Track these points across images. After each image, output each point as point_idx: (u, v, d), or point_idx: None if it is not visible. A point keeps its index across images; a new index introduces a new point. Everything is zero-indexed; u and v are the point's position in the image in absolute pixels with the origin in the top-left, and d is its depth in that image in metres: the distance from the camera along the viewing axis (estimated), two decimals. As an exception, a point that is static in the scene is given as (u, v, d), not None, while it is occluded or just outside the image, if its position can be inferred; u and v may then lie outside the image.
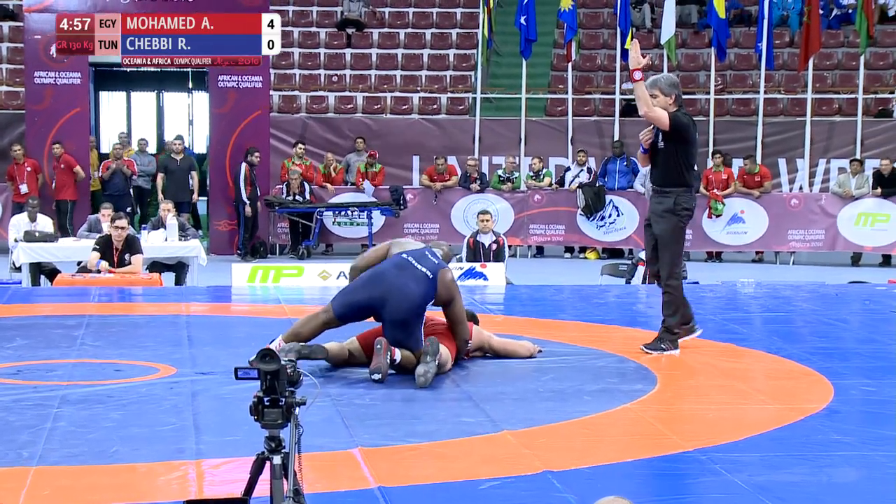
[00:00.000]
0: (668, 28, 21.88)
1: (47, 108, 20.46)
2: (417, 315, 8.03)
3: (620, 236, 21.07)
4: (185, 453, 6.05)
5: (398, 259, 8.11)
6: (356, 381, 7.84)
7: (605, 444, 6.47)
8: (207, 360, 8.51)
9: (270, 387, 4.35)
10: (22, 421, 6.64)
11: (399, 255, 8.14)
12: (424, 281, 8.00)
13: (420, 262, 8.09)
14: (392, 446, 6.26)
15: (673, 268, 8.93)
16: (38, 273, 15.15)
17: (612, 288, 13.77)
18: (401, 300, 7.94)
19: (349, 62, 25.23)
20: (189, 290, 13.84)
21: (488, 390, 7.64)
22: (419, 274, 8.02)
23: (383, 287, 7.97)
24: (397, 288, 7.94)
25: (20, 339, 9.32)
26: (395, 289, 7.94)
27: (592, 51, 25.45)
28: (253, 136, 20.78)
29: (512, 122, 23.10)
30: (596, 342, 9.40)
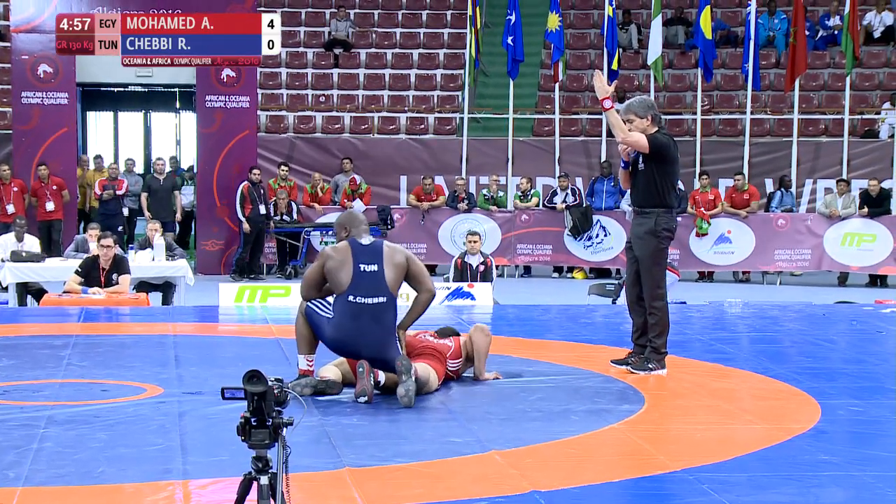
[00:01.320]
0: (655, 49, 21.97)
1: (34, 128, 20.45)
2: (392, 343, 8.02)
3: (608, 256, 21.09)
4: (173, 473, 6.03)
5: (353, 308, 7.89)
6: (343, 401, 7.83)
7: (593, 465, 6.47)
8: (194, 381, 8.49)
9: (258, 407, 4.35)
10: (8, 441, 6.62)
11: (349, 301, 7.89)
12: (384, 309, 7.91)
13: (370, 291, 7.90)
14: (379, 466, 6.25)
15: (656, 289, 8.90)
16: (24, 293, 15.12)
17: (600, 308, 13.78)
18: (378, 349, 7.91)
19: (336, 82, 25.26)
20: (176, 310, 13.81)
21: (475, 410, 7.63)
22: (378, 309, 7.90)
23: (357, 346, 7.90)
24: (371, 343, 7.89)
25: (6, 359, 9.30)
26: (370, 344, 7.88)
27: (580, 71, 25.51)
28: (240, 156, 20.80)
29: (499, 142, 23.14)
30: (583, 362, 9.40)
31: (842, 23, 22.63)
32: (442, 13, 26.90)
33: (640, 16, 26.29)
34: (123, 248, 16.82)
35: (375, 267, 7.95)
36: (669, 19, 25.41)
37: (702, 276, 21.22)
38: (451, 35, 26.29)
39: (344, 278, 7.91)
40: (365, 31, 26.30)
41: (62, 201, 20.28)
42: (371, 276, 7.91)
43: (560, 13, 22.59)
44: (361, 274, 7.91)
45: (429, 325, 11.01)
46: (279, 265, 20.93)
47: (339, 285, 7.93)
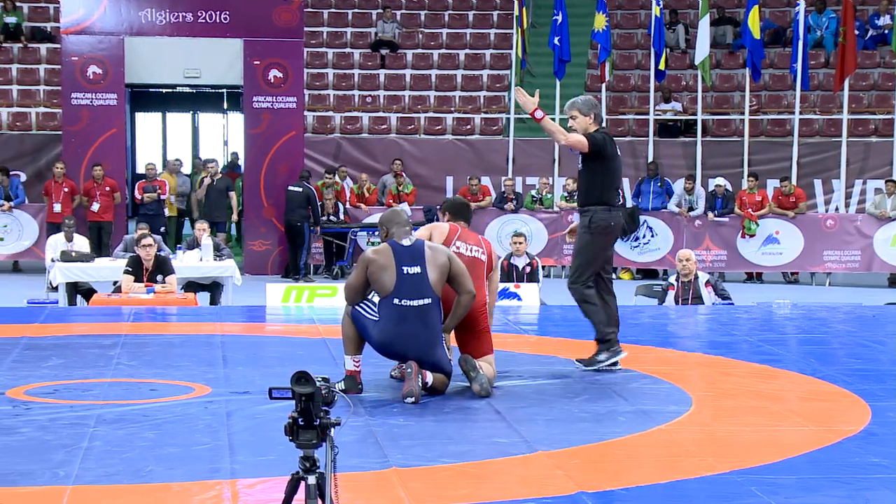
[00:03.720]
0: (703, 48, 21.87)
1: (84, 129, 20.61)
2: (438, 344, 8.03)
3: (654, 257, 21.02)
4: (220, 473, 6.06)
5: (398, 311, 7.88)
6: (390, 400, 7.84)
7: (640, 466, 6.44)
8: (242, 380, 8.53)
9: (305, 408, 4.37)
10: (58, 440, 6.68)
11: (394, 303, 7.89)
12: (429, 310, 7.91)
13: (415, 293, 7.89)
14: (426, 467, 6.25)
15: (579, 276, 9.14)
16: (74, 293, 15.24)
17: (646, 309, 13.72)
18: (425, 351, 7.93)
19: (383, 83, 25.30)
20: (224, 310, 13.88)
21: (522, 411, 7.62)
22: (423, 311, 7.90)
23: (404, 349, 7.92)
24: (417, 345, 7.90)
25: (56, 358, 9.37)
26: (416, 346, 7.90)
27: (626, 71, 25.43)
28: (287, 157, 20.88)
29: (545, 143, 23.07)
30: (629, 363, 9.36)
31: (892, 22, 22.46)
32: (488, 14, 26.88)
33: (688, 15, 26.17)
34: (171, 248, 16.94)
35: (418, 269, 7.94)
36: (717, 19, 25.28)
37: (750, 277, 21.11)
38: (497, 35, 26.27)
39: (387, 282, 7.90)
40: (411, 32, 26.32)
41: (113, 203, 20.44)
42: (414, 278, 7.91)
43: (607, 13, 22.54)
44: (404, 276, 7.90)
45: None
46: (326, 265, 20.99)
47: (383, 289, 7.93)
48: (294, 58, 21.23)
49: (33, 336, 10.56)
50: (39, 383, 8.36)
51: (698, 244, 20.53)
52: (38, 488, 5.76)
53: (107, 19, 20.71)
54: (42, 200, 20.84)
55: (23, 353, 9.58)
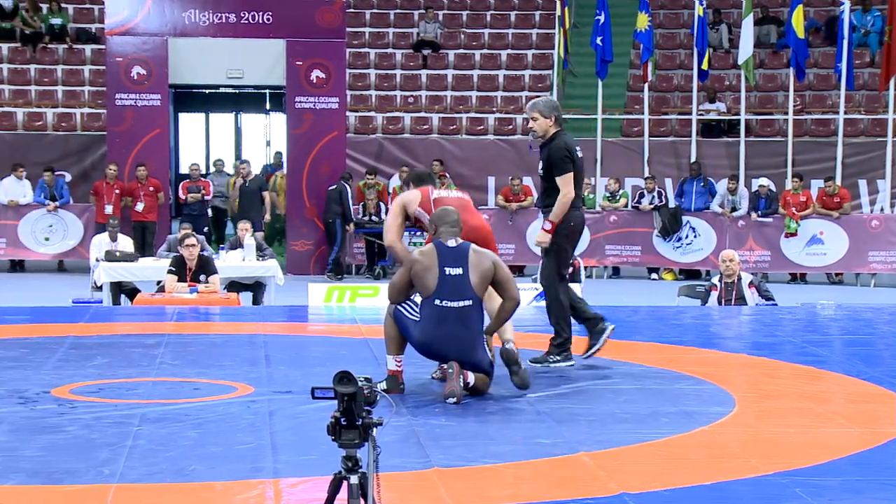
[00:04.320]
0: (746, 48, 21.75)
1: (128, 129, 20.74)
2: (479, 345, 8.02)
3: (697, 257, 20.93)
4: (263, 472, 6.08)
5: (439, 312, 7.89)
6: (431, 400, 7.84)
7: (683, 467, 6.41)
8: (284, 380, 8.56)
9: (348, 408, 4.37)
10: (103, 439, 6.72)
11: (435, 304, 7.89)
12: (470, 312, 7.92)
13: (456, 295, 7.89)
14: (468, 467, 6.25)
15: (547, 279, 9.18)
16: (118, 292, 15.33)
17: (689, 309, 13.67)
18: (465, 352, 7.92)
19: (425, 83, 25.32)
20: (266, 310, 13.93)
21: (563, 411, 7.61)
22: (464, 312, 7.89)
23: (445, 350, 7.93)
24: (458, 347, 7.90)
25: (101, 357, 9.43)
26: (457, 348, 7.90)
27: (669, 71, 25.35)
28: (329, 157, 20.93)
29: (587, 143, 23.00)
30: (672, 364, 9.34)
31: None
32: (530, 14, 26.86)
33: (731, 15, 26.06)
34: (214, 248, 17.01)
35: (460, 270, 7.94)
36: (761, 18, 25.14)
37: (794, 278, 20.98)
38: (539, 36, 26.25)
39: (430, 282, 7.91)
40: (453, 32, 26.34)
41: (156, 203, 20.56)
42: (456, 280, 7.91)
43: (649, 13, 22.47)
44: (446, 277, 7.90)
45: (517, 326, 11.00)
46: (367, 265, 21.02)
47: (425, 289, 7.95)
48: (336, 58, 21.28)
49: (78, 335, 10.63)
50: (84, 382, 8.42)
51: (741, 245, 20.43)
52: (83, 486, 5.80)
53: (150, 20, 20.83)
54: (87, 200, 20.99)
55: (68, 353, 9.64)
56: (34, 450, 6.46)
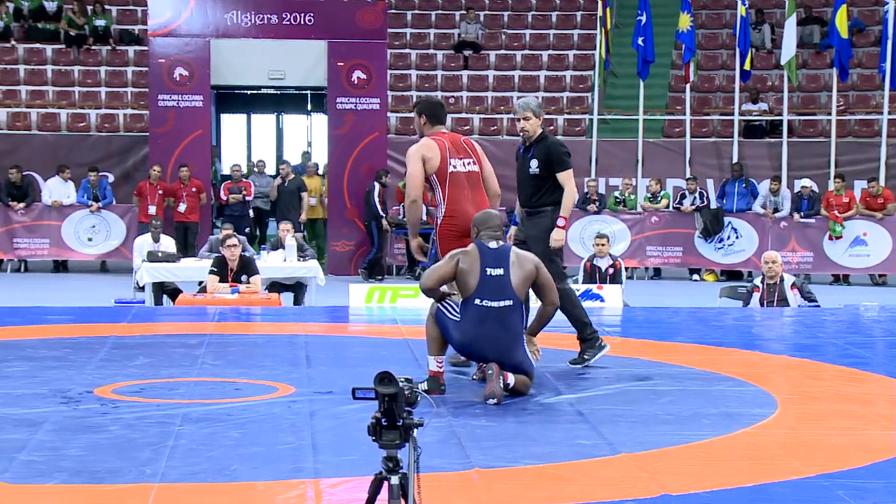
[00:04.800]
0: (789, 48, 21.64)
1: (170, 130, 20.85)
2: (519, 345, 8.02)
3: (739, 258, 20.85)
4: (304, 472, 6.10)
5: (479, 311, 7.91)
6: (472, 401, 7.84)
7: (725, 469, 6.38)
8: (325, 380, 8.58)
9: (388, 408, 4.38)
10: (145, 438, 6.75)
11: (475, 304, 7.91)
12: (510, 313, 7.93)
13: (497, 294, 7.91)
14: (508, 468, 6.25)
15: (556, 282, 8.91)
16: (160, 292, 15.41)
17: (731, 310, 13.61)
18: (505, 353, 7.93)
19: (466, 84, 25.33)
20: (307, 311, 13.97)
21: (604, 412, 7.59)
22: (504, 313, 7.91)
23: (484, 350, 7.94)
24: (498, 347, 7.90)
25: (143, 357, 9.48)
26: (497, 348, 7.90)
27: (711, 72, 25.25)
28: (370, 158, 20.97)
29: (629, 144, 23.00)
30: (714, 365, 9.30)
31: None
32: (572, 14, 26.82)
33: (774, 15, 25.92)
34: (255, 248, 17.08)
35: (501, 271, 7.95)
36: (804, 18, 25.01)
37: (836, 279, 20.85)
38: (580, 36, 26.21)
39: (472, 282, 7.93)
40: (494, 33, 26.33)
41: (198, 203, 20.66)
42: (497, 280, 7.93)
43: (691, 13, 22.39)
44: (487, 278, 7.92)
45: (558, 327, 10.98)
46: (408, 266, 21.05)
47: (466, 288, 7.96)
48: (377, 59, 21.32)
49: (121, 335, 10.69)
50: (126, 382, 8.46)
51: (784, 246, 20.32)
52: (125, 486, 5.84)
53: (193, 22, 20.94)
54: (129, 201, 21.11)
55: (110, 353, 9.70)
56: (77, 449, 6.50)
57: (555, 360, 9.48)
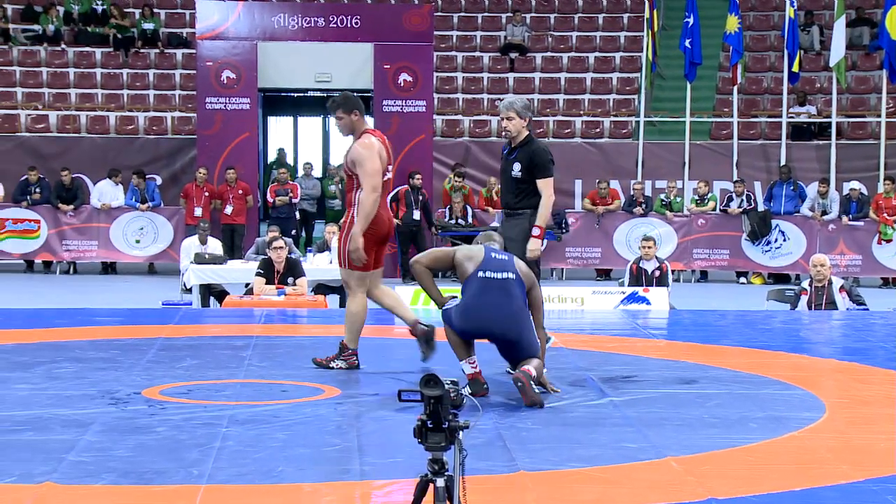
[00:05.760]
0: (838, 50, 21.48)
1: (217, 132, 20.95)
2: (525, 320, 8.06)
3: (787, 261, 20.72)
4: (350, 474, 6.11)
5: (482, 282, 8.02)
6: (517, 404, 7.83)
7: (772, 473, 6.34)
8: (371, 382, 8.59)
9: (434, 411, 4.38)
10: (192, 439, 6.79)
11: (479, 276, 8.04)
12: (513, 285, 8.03)
13: (500, 270, 8.04)
14: (554, 471, 6.24)
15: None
16: (207, 294, 15.49)
17: (778, 313, 13.54)
18: (509, 324, 7.96)
19: (512, 86, 25.31)
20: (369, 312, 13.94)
21: (651, 416, 7.56)
22: (507, 283, 8.01)
23: (488, 321, 7.97)
24: (501, 316, 7.95)
25: (190, 358, 9.53)
26: (500, 318, 7.94)
27: (759, 74, 25.12)
28: (416, 161, 20.99)
29: (675, 146, 22.90)
30: (761, 369, 9.24)
31: None
32: (618, 16, 26.75)
33: (823, 17, 25.76)
34: (301, 250, 17.14)
35: (506, 257, 8.17)
36: (853, 20, 24.83)
37: (886, 283, 20.68)
38: (627, 38, 26.14)
39: (475, 263, 8.09)
40: (541, 35, 26.30)
41: (245, 205, 20.75)
42: (501, 260, 8.12)
43: (739, 15, 22.27)
44: (491, 258, 8.10)
45: (604, 329, 11.00)
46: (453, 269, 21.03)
47: (468, 270, 8.10)
48: (423, 62, 21.35)
49: (168, 337, 10.75)
50: (174, 383, 8.51)
51: (832, 249, 20.18)
52: (172, 487, 5.87)
53: (240, 25, 21.05)
54: (177, 203, 21.24)
55: (158, 354, 9.76)
56: (125, 450, 6.54)
57: (601, 364, 9.46)
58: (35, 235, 20.98)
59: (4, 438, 6.78)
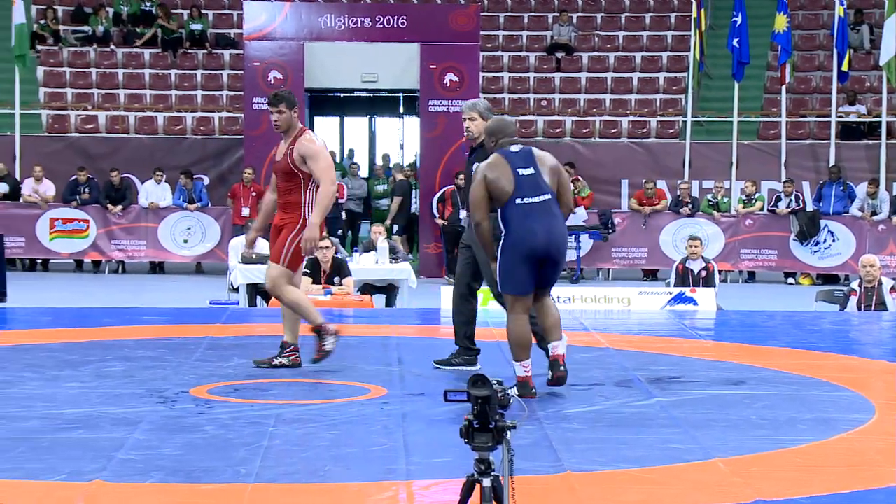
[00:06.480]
0: (888, 49, 21.28)
1: (264, 133, 21.01)
2: (566, 240, 8.23)
3: (836, 262, 20.57)
4: (396, 474, 6.12)
5: (518, 209, 8.00)
6: (563, 405, 7.82)
7: (821, 475, 6.30)
8: (417, 382, 8.61)
9: (481, 411, 4.38)
10: (240, 438, 6.82)
11: (515, 202, 8.00)
12: (553, 204, 8.06)
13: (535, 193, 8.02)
14: (601, 471, 6.22)
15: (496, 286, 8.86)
16: (254, 294, 15.54)
17: (827, 314, 13.45)
18: (554, 235, 8.02)
19: (558, 86, 25.27)
20: (399, 312, 14.01)
21: (698, 417, 7.53)
22: (547, 204, 8.03)
23: (535, 244, 7.98)
24: (547, 233, 7.99)
25: (237, 358, 9.57)
26: (547, 234, 7.98)
27: (808, 73, 24.96)
28: (462, 161, 20.95)
29: (723, 146, 22.79)
30: (809, 370, 9.18)
31: None
32: (665, 16, 26.65)
33: (873, 15, 25.54)
34: (347, 250, 17.17)
35: (531, 169, 8.09)
36: (903, 18, 24.59)
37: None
38: (674, 38, 26.03)
39: (506, 185, 8.02)
40: (587, 35, 26.23)
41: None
42: (530, 178, 8.07)
43: (788, 14, 22.14)
44: (521, 177, 8.06)
45: (650, 330, 10.96)
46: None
47: (503, 193, 8.03)
48: (470, 62, 21.34)
49: (216, 336, 10.81)
50: (221, 382, 8.56)
51: (882, 249, 20.02)
52: (220, 485, 5.90)
53: (288, 25, 21.12)
54: (224, 203, 21.34)
55: (205, 353, 9.81)
56: (173, 448, 6.58)
57: (647, 364, 9.43)
58: (84, 235, 21.14)
59: (55, 436, 6.84)
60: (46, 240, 21.10)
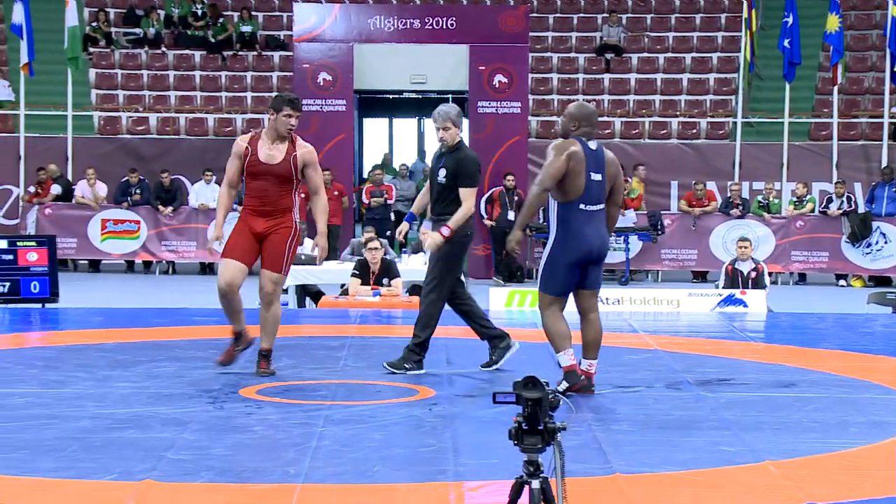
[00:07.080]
0: (941, 49, 21.09)
1: (313, 134, 21.06)
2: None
3: (888, 264, 20.39)
4: (445, 475, 6.12)
5: (580, 214, 8.19)
6: (612, 406, 7.81)
7: (873, 479, 6.25)
8: (465, 383, 8.61)
9: (532, 413, 4.37)
10: (289, 438, 6.85)
11: (578, 207, 8.18)
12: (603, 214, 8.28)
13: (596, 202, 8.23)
14: (650, 473, 6.20)
15: (434, 284, 9.22)
16: (303, 295, 15.60)
17: (879, 317, 13.34)
18: (602, 242, 8.27)
19: (608, 87, 25.20)
20: (447, 314, 13.97)
21: (748, 419, 7.49)
22: (601, 214, 8.27)
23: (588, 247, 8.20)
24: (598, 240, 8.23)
25: (286, 358, 9.61)
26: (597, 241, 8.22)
27: (860, 73, 24.76)
28: (511, 162, 20.97)
29: (773, 147, 22.65)
30: (861, 373, 9.12)
31: None
32: (716, 16, 26.51)
33: (925, 15, 25.29)
34: (396, 251, 17.20)
35: (600, 177, 8.27)
36: (957, 18, 24.35)
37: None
38: (724, 38, 25.89)
39: (579, 185, 8.19)
40: (637, 36, 26.15)
41: (341, 207, 20.87)
42: (597, 186, 8.27)
43: (840, 14, 21.96)
44: (591, 183, 8.24)
45: (700, 332, 10.91)
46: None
47: (573, 191, 8.20)
48: (519, 63, 21.31)
49: (265, 336, 10.83)
50: (270, 383, 8.59)
51: (935, 251, 19.83)
52: (269, 486, 5.92)
53: (337, 27, 21.17)
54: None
55: (255, 354, 9.83)
56: (222, 448, 6.62)
57: (697, 366, 9.39)
58: (135, 236, 21.28)
59: (106, 436, 6.89)
60: (98, 241, 21.25)
